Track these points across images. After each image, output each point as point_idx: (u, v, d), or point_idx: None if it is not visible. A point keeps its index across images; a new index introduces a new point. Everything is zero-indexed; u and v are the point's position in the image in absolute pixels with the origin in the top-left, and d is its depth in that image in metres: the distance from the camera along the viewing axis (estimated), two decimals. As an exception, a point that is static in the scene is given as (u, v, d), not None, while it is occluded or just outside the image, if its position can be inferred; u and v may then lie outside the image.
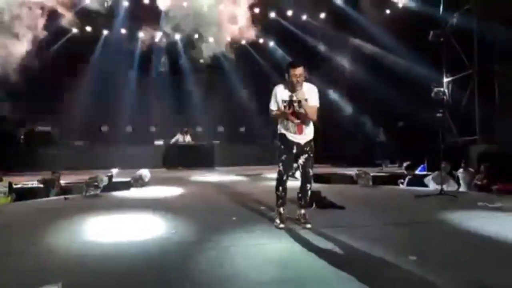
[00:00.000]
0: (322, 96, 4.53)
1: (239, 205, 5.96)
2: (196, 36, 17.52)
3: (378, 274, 2.95)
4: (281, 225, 4.33)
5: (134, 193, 7.69)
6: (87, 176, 7.66)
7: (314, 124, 4.49)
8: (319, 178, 9.05)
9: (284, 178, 4.43)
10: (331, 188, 7.32)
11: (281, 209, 4.47)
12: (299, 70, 4.17)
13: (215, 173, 11.72)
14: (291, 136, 4.37)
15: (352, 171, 9.08)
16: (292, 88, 4.24)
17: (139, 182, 8.40)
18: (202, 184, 9.19)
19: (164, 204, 6.21)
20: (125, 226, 4.62)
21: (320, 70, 15.52)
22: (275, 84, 4.47)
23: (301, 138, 4.38)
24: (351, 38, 15.15)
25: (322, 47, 16.37)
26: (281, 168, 4.41)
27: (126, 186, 8.32)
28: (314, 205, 5.53)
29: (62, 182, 8.51)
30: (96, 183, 7.29)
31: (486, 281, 2.76)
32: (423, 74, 10.77)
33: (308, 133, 4.42)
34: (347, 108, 14.64)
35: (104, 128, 15.99)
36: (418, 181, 8.31)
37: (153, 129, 16.78)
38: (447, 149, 9.06)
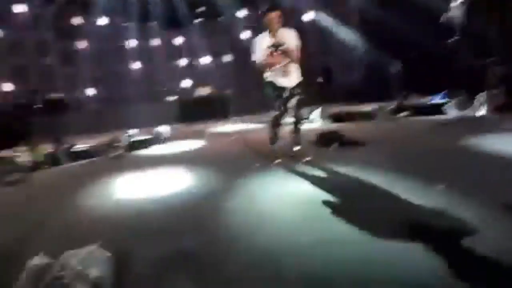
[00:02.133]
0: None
1: (259, 151, 5.99)
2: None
3: (406, 207, 2.96)
4: (277, 160, 4.77)
5: (156, 150, 7.78)
6: (107, 138, 7.75)
7: (302, 68, 4.74)
8: (336, 118, 9.00)
9: (279, 121, 4.80)
10: (350, 126, 7.28)
11: (275, 147, 4.99)
12: (275, 14, 4.49)
13: (232, 123, 11.74)
14: (279, 82, 4.61)
15: (369, 107, 8.96)
16: (271, 32, 4.52)
17: (159, 138, 8.50)
18: (221, 135, 9.24)
19: (186, 158, 6.29)
20: (151, 183, 4.69)
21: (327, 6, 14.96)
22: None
23: (289, 82, 4.62)
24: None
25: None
26: (276, 112, 4.72)
27: (147, 144, 8.42)
28: (335, 145, 5.54)
29: (84, 145, 8.67)
30: (117, 144, 7.41)
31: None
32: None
33: (295, 77, 4.67)
34: (395, 66, 13.75)
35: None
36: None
37: (164, 88, 16.76)
38: (465, 73, 8.76)
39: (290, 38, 4.53)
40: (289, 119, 4.84)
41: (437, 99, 9.71)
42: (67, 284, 1.66)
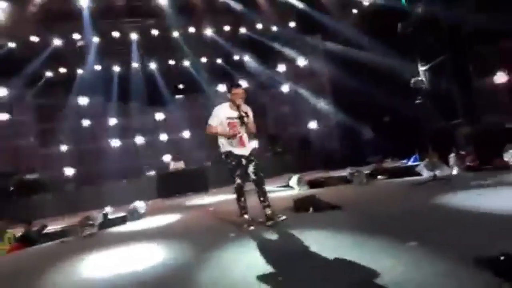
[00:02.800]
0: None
1: (236, 221, 5.89)
2: (172, 62, 17.76)
3: (377, 263, 2.91)
4: (251, 227, 4.88)
5: (130, 226, 7.56)
6: (80, 218, 7.53)
7: (252, 138, 5.35)
8: (314, 183, 9.06)
9: (243, 189, 5.04)
10: (326, 191, 7.32)
11: (246, 216, 5.12)
12: (241, 90, 4.99)
13: (210, 195, 11.64)
14: (237, 151, 5.00)
15: (345, 172, 9.08)
16: (235, 105, 4.97)
17: (134, 215, 8.29)
18: (199, 207, 9.10)
19: (161, 232, 6.13)
20: (124, 259, 4.54)
21: (301, 80, 15.77)
22: (255, 97, 5.11)
23: (246, 150, 5.05)
24: (323, 41, 15.39)
25: (296, 55, 16.56)
26: (239, 181, 5.01)
27: (122, 221, 8.19)
28: (311, 209, 5.53)
29: (57, 226, 8.42)
30: (91, 222, 7.18)
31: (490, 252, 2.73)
32: (399, 67, 10.92)
33: (250, 144, 5.15)
34: (368, 132, 14.44)
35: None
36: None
37: (143, 162, 16.76)
38: (434, 135, 9.11)
39: (250, 112, 5.04)
40: (252, 185, 5.10)
41: (410, 162, 9.97)
42: None
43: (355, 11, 14.43)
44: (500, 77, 9.12)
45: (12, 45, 14.09)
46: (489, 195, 4.89)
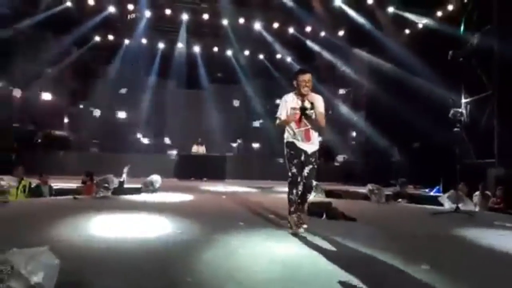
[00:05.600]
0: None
1: (248, 212, 5.88)
2: (216, 49, 17.90)
3: (384, 278, 2.84)
4: (298, 230, 4.26)
5: (144, 197, 7.66)
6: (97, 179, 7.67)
7: (321, 134, 4.56)
8: (331, 194, 8.93)
9: (298, 179, 4.33)
10: (343, 203, 7.16)
11: (294, 216, 4.37)
12: (307, 77, 4.30)
13: (226, 184, 11.67)
14: (300, 144, 4.36)
15: (365, 189, 8.91)
16: (300, 94, 4.33)
17: (150, 187, 8.39)
18: (212, 193, 9.14)
19: (173, 208, 6.16)
20: (131, 224, 4.59)
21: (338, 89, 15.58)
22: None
23: (308, 147, 4.38)
24: (370, 55, 15.15)
25: (340, 65, 16.39)
26: (294, 170, 4.32)
27: (136, 191, 8.32)
28: (324, 215, 5.44)
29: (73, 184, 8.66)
30: (106, 185, 7.31)
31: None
32: (442, 95, 10.61)
33: (315, 142, 4.43)
34: (395, 154, 14.11)
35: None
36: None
37: (167, 140, 16.99)
38: (464, 171, 8.81)
39: (318, 102, 4.37)
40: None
41: (432, 192, 9.70)
42: (1, 279, 1.53)
43: (407, 31, 14.15)
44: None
45: (69, 3, 14.51)
46: (507, 237, 4.67)
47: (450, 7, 12.08)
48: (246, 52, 18.10)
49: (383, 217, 6.02)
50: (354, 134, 16.05)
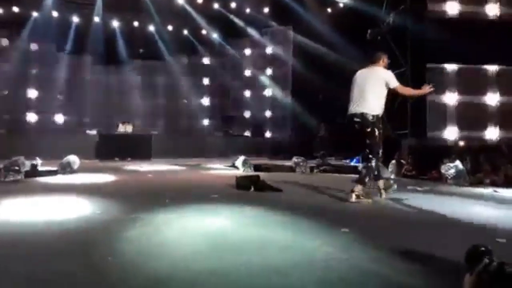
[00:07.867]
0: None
1: (174, 190, 5.74)
2: (136, 23, 16.98)
3: (308, 241, 2.94)
4: (365, 199, 4.70)
5: (60, 179, 7.12)
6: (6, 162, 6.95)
7: None
8: (260, 168, 9.05)
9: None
10: (270, 175, 7.28)
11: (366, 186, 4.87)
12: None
13: (153, 163, 11.31)
14: None
15: (291, 163, 9.16)
16: None
17: (67, 169, 7.81)
18: (138, 173, 8.77)
19: (93, 188, 5.80)
20: (47, 207, 4.25)
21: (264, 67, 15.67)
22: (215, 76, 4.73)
23: None
24: (295, 33, 15.40)
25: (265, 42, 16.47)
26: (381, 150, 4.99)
27: (52, 174, 7.69)
28: (252, 188, 5.49)
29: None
30: (16, 168, 6.67)
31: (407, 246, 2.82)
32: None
33: None
34: (322, 130, 14.26)
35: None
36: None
37: (86, 119, 15.94)
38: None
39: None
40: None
41: (352, 162, 10.26)
42: None
43: (329, 10, 14.54)
44: (450, 97, 9.58)
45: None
46: (423, 198, 5.22)
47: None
48: (170, 27, 17.39)
49: (305, 187, 6.23)
50: (281, 111, 16.34)
